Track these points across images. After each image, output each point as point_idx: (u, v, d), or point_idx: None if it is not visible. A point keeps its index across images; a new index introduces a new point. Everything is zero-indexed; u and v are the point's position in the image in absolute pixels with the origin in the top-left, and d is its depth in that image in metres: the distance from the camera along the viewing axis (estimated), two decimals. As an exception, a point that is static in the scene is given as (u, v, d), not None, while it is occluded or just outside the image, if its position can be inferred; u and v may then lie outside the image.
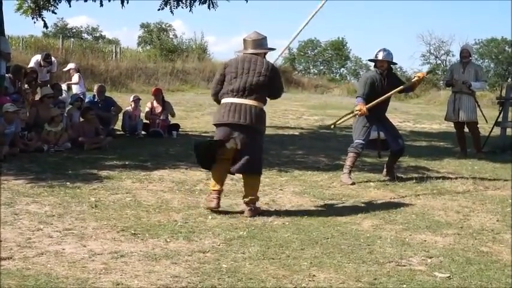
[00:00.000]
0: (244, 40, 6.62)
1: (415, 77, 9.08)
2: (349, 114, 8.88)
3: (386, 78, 8.69)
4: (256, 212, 6.48)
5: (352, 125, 9.03)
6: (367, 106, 8.45)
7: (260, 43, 6.56)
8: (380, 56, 8.71)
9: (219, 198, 6.50)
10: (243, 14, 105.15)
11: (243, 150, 6.36)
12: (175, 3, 14.38)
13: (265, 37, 6.62)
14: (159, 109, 13.41)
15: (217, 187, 6.51)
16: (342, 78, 58.01)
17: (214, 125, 6.50)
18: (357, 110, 8.52)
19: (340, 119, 9.05)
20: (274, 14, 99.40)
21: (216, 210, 6.50)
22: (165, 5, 14.39)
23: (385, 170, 9.01)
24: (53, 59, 13.96)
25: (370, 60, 8.99)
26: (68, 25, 61.20)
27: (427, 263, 5.09)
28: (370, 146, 8.89)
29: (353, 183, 8.36)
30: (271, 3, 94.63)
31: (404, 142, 9.12)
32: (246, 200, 6.52)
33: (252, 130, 6.37)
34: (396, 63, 8.99)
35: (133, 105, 13.28)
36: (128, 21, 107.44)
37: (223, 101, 6.41)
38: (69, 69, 15.07)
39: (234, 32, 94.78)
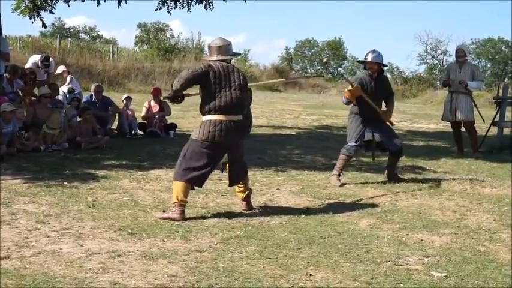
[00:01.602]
0: (209, 47, 6.60)
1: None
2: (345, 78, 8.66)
3: (375, 81, 8.50)
4: (252, 205, 6.77)
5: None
6: (362, 94, 8.24)
7: (226, 49, 6.50)
8: (369, 58, 8.51)
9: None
10: (241, 13, 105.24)
11: (235, 164, 6.59)
12: (172, 3, 14.39)
13: (230, 43, 6.58)
14: (156, 109, 13.44)
15: (186, 199, 6.38)
16: (339, 78, 58.01)
17: (203, 141, 6.28)
18: (352, 82, 8.33)
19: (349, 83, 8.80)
20: (272, 13, 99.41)
21: (212, 209, 6.58)
22: (163, 5, 14.40)
23: (386, 172, 8.86)
24: (51, 59, 13.94)
25: (359, 62, 8.82)
26: (65, 25, 61.09)
27: (424, 262, 5.09)
28: (366, 147, 8.80)
29: (342, 185, 8.30)
30: (269, 3, 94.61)
31: (402, 142, 9.02)
32: (244, 195, 6.71)
33: (240, 144, 6.59)
34: (386, 65, 8.71)
35: (124, 103, 13.30)
36: (125, 21, 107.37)
37: (210, 118, 6.27)
38: (61, 72, 14.99)
39: (231, 32, 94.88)
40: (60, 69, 15.10)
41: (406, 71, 45.07)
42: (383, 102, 8.78)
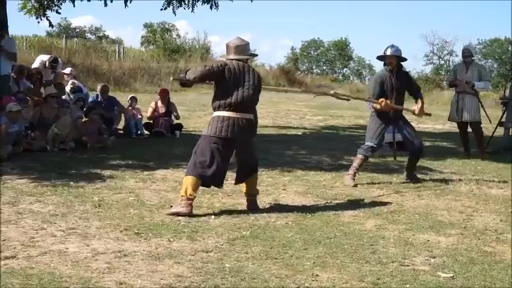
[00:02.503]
0: (227, 46, 6.69)
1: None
2: (366, 99, 8.72)
3: (396, 76, 8.48)
4: (257, 205, 6.79)
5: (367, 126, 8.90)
6: (392, 106, 8.30)
7: (243, 49, 6.62)
8: (388, 52, 8.51)
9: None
10: (247, 13, 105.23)
11: (241, 161, 6.64)
12: (177, 3, 14.42)
13: (248, 43, 6.70)
14: (162, 110, 13.46)
15: (195, 194, 6.44)
16: (345, 78, 58.01)
17: (212, 137, 6.40)
18: (379, 102, 8.30)
19: (356, 98, 8.80)
20: (278, 13, 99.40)
21: (218, 210, 6.60)
22: (168, 5, 14.44)
23: (405, 173, 8.86)
24: (59, 60, 13.97)
25: (379, 58, 8.75)
26: (71, 25, 61.23)
27: (431, 263, 5.08)
28: (387, 146, 8.73)
29: (355, 185, 8.27)
30: (275, 3, 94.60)
31: (422, 142, 8.87)
32: (249, 195, 6.76)
33: (248, 142, 6.62)
34: (406, 59, 8.65)
35: (129, 103, 13.33)
36: (131, 21, 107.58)
37: (221, 114, 6.39)
38: (69, 73, 15.05)
39: (237, 31, 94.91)
40: (68, 70, 15.17)
41: (412, 71, 45.02)
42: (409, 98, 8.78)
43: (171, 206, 6.48)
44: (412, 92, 8.79)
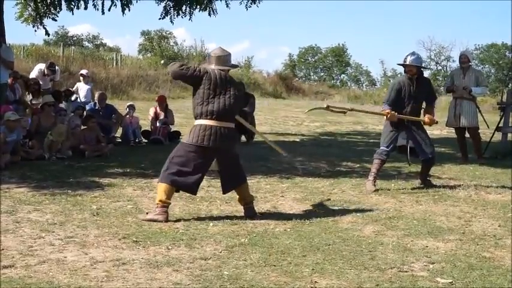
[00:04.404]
0: (209, 55, 6.76)
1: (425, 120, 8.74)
2: (375, 113, 8.71)
3: (416, 84, 8.48)
4: (254, 211, 6.75)
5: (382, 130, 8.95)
6: (398, 116, 8.33)
7: (224, 60, 6.63)
8: (408, 61, 8.51)
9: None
10: (245, 20, 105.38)
11: (224, 171, 6.65)
12: (175, 12, 14.45)
13: (230, 54, 6.71)
14: (161, 116, 13.48)
15: (169, 201, 6.49)
16: (343, 84, 57.99)
17: (191, 145, 6.41)
18: (385, 114, 8.39)
19: (361, 111, 8.81)
20: (276, 20, 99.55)
21: (216, 217, 6.59)
22: (166, 14, 14.46)
23: (420, 178, 8.91)
24: (56, 67, 14.01)
25: (400, 65, 8.74)
26: (68, 33, 61.20)
27: (429, 268, 5.07)
28: (402, 151, 8.75)
29: (376, 191, 8.28)
30: (273, 10, 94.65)
31: (434, 150, 8.83)
32: (245, 203, 6.75)
33: (230, 151, 6.62)
34: (426, 68, 8.62)
35: (126, 111, 13.34)
36: (129, 29, 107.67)
37: (201, 122, 6.41)
38: (83, 75, 15.40)
39: (236, 38, 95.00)
40: (85, 72, 15.40)
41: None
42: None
43: (147, 213, 6.52)
44: (429, 100, 8.78)
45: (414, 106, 8.54)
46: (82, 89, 15.06)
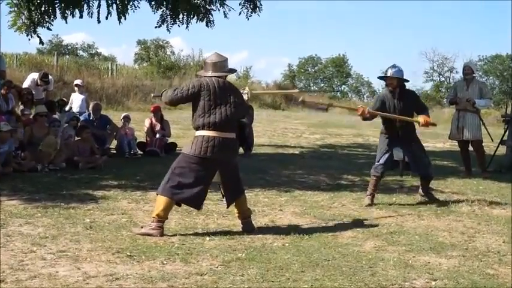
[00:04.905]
0: (205, 62, 6.67)
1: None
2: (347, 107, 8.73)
3: (398, 97, 8.37)
4: (252, 225, 6.67)
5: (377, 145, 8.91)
6: (370, 111, 8.26)
7: (221, 65, 6.53)
8: (388, 73, 8.43)
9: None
10: (244, 30, 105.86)
11: (228, 182, 6.57)
12: (172, 20, 14.39)
13: (226, 59, 6.62)
14: (157, 127, 13.40)
15: (167, 217, 6.40)
16: (343, 95, 58.13)
17: (194, 156, 6.31)
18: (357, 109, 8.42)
19: (338, 106, 8.77)
20: (275, 30, 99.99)
21: (213, 231, 6.48)
22: (162, 22, 14.40)
23: (421, 192, 8.81)
24: (50, 77, 13.90)
25: (380, 78, 8.71)
26: (63, 42, 61.30)
27: (431, 285, 4.99)
28: (396, 165, 8.62)
29: (369, 205, 8.20)
30: (272, 20, 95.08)
31: (430, 165, 8.73)
32: (242, 217, 6.66)
33: (231, 162, 6.55)
34: (408, 81, 8.58)
35: (122, 123, 13.24)
36: (125, 38, 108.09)
37: (203, 133, 6.30)
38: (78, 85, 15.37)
39: (234, 48, 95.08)
40: (79, 81, 15.37)
41: (412, 89, 44.99)
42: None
43: (142, 227, 6.42)
44: (418, 112, 8.62)
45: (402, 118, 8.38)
46: (76, 99, 14.97)
